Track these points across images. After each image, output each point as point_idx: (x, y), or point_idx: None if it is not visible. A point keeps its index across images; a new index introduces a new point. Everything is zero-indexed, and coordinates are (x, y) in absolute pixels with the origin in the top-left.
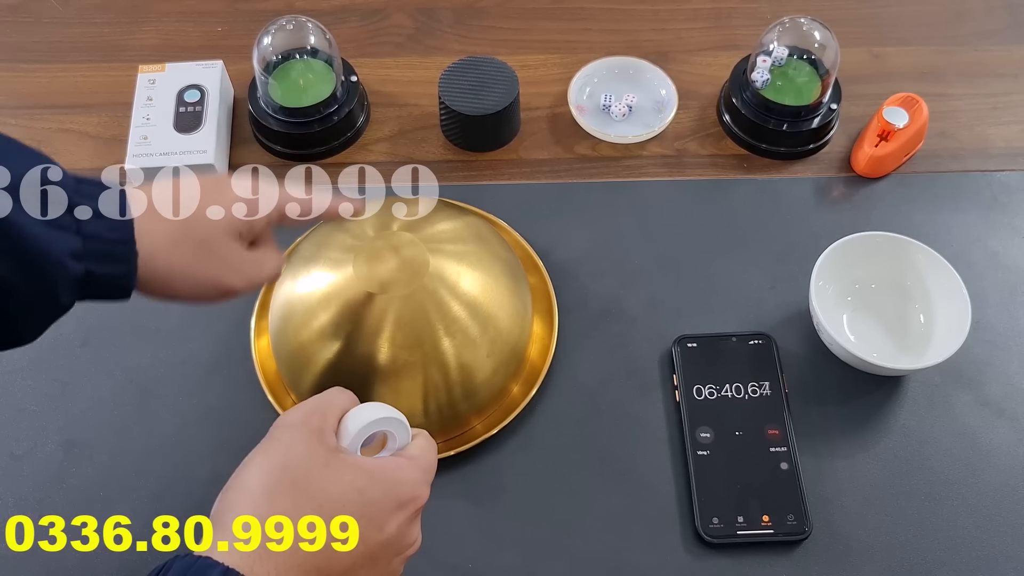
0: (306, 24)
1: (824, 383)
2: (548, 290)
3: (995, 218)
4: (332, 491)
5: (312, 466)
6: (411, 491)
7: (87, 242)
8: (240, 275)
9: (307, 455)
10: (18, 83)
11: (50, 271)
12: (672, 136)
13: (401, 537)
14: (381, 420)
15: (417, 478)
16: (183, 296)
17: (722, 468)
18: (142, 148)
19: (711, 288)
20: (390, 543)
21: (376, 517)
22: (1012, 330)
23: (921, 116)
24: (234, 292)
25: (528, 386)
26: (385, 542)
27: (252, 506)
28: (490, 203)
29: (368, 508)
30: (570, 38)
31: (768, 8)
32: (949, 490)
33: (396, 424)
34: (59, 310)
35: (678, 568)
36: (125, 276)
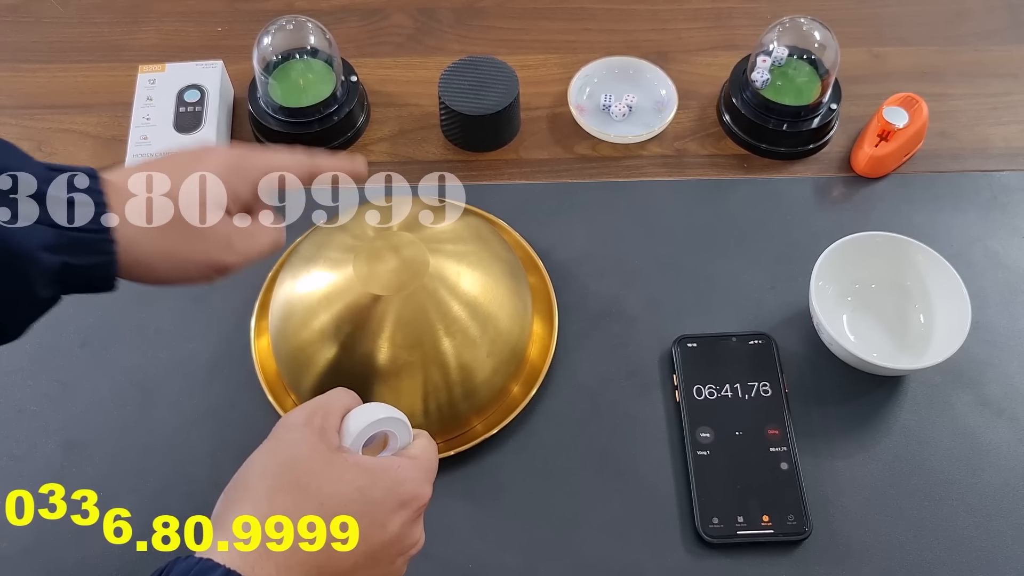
0: (306, 24)
1: (824, 383)
2: (548, 290)
3: (995, 218)
4: (334, 490)
5: (314, 465)
6: (413, 490)
7: (61, 233)
8: (231, 251)
9: (309, 455)
10: (18, 83)
11: (24, 265)
12: (672, 136)
13: (404, 536)
14: (383, 420)
15: (419, 477)
16: (172, 280)
17: (722, 468)
18: (142, 148)
19: (711, 288)
20: (392, 542)
21: (378, 516)
22: (1012, 330)
23: (921, 116)
24: (227, 269)
25: (528, 386)
26: (387, 541)
27: (253, 505)
28: (490, 203)
29: (370, 507)
30: (570, 38)
31: (768, 8)
32: (949, 490)
33: (398, 424)
34: (40, 305)
35: (678, 568)
36: (105, 266)
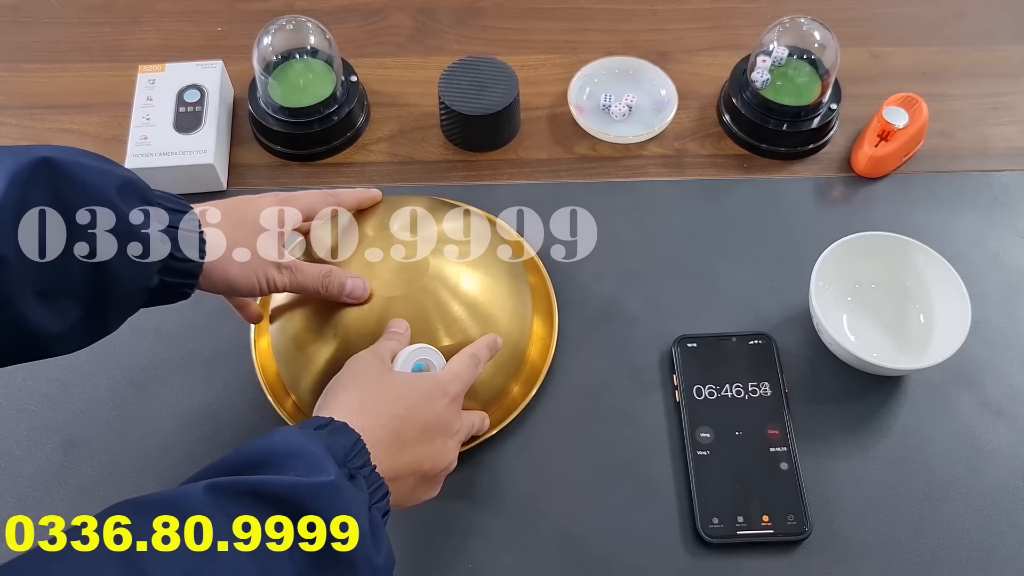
0: (306, 24)
1: (824, 383)
2: (548, 290)
3: (995, 218)
4: (396, 382)
5: (381, 370)
6: (448, 380)
7: (167, 263)
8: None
9: (377, 367)
10: (18, 83)
11: (146, 280)
12: (672, 136)
13: (449, 419)
14: (421, 349)
15: (451, 374)
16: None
17: (722, 468)
18: (142, 148)
19: (711, 288)
20: (440, 420)
21: (428, 400)
22: (1012, 330)
23: (921, 116)
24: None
25: (528, 386)
26: (437, 417)
27: (344, 392)
28: (490, 203)
29: (420, 393)
30: (570, 38)
31: (768, 8)
32: (949, 490)
33: (432, 353)
34: (137, 306)
35: (678, 568)
36: (190, 286)
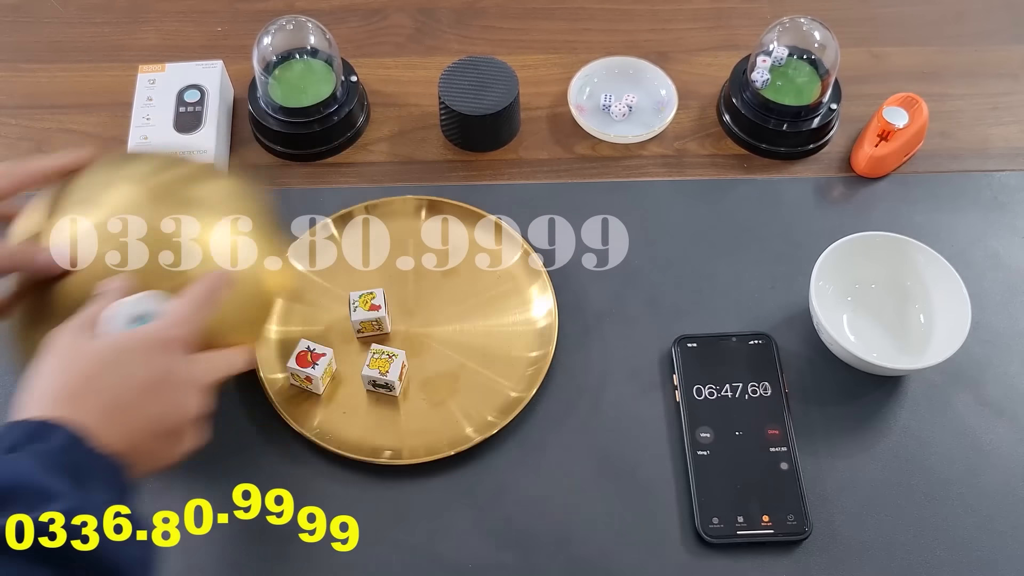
0: (306, 24)
1: (824, 383)
2: (548, 290)
3: (995, 218)
4: (98, 349)
5: (80, 341)
6: (165, 326)
7: None
8: None
9: (73, 339)
10: (18, 83)
11: None
12: (672, 136)
13: (174, 368)
14: (141, 300)
15: (170, 319)
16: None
17: (722, 468)
18: (142, 148)
19: (711, 288)
20: (162, 373)
21: (144, 355)
22: (1012, 330)
23: (921, 116)
24: None
25: (528, 386)
26: (159, 372)
27: (41, 380)
28: (490, 203)
29: (131, 353)
30: (570, 38)
31: (768, 8)
32: (949, 490)
33: (157, 300)
34: None
35: (678, 568)
36: None
